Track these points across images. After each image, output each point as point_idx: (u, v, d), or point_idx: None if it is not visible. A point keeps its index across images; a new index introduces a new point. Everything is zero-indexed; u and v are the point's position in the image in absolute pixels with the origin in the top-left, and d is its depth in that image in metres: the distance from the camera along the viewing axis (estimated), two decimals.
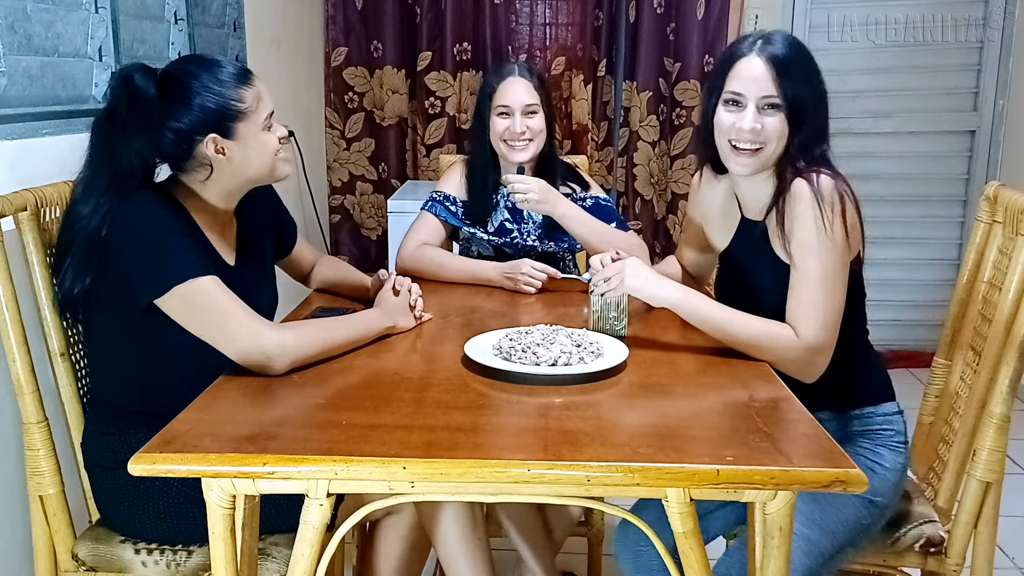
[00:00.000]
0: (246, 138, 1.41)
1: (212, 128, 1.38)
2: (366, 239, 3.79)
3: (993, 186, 1.60)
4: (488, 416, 1.19)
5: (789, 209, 1.38)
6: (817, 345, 1.35)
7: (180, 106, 1.37)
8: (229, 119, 1.39)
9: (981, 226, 1.62)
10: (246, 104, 1.40)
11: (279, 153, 1.47)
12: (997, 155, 3.63)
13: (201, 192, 1.45)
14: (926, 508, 1.55)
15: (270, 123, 1.45)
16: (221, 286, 1.32)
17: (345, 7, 3.55)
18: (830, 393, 1.42)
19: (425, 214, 2.07)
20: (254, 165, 1.44)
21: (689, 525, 1.05)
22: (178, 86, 1.37)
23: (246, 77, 1.43)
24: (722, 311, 1.41)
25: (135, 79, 1.35)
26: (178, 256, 1.31)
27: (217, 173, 1.43)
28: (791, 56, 1.39)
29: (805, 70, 1.39)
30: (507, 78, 2.00)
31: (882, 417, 1.48)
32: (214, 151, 1.39)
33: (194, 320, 1.31)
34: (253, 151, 1.43)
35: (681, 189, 3.61)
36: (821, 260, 1.34)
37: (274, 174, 1.49)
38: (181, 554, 1.40)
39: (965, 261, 1.66)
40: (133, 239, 1.32)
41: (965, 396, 1.56)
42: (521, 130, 1.97)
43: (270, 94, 1.47)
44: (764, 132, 1.40)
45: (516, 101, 1.97)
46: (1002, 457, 1.44)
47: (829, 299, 1.35)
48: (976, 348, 1.57)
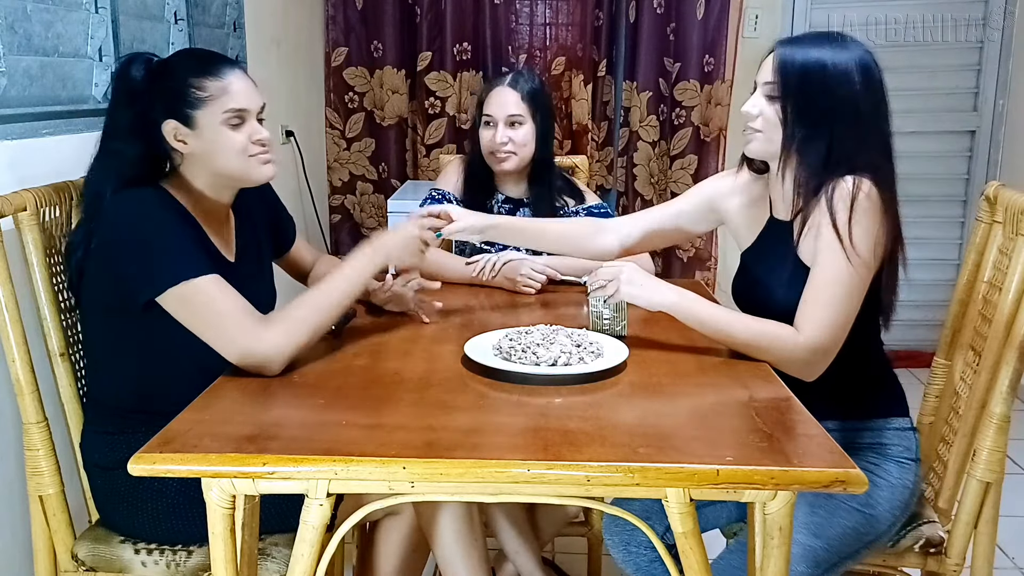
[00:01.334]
0: (203, 129, 1.37)
1: (169, 113, 1.37)
2: (366, 239, 3.78)
3: (993, 186, 1.60)
4: (488, 416, 1.19)
5: (824, 209, 1.36)
6: (819, 345, 1.33)
7: (156, 92, 1.39)
8: (186, 106, 1.37)
9: (981, 226, 1.62)
10: (206, 93, 1.36)
11: (254, 154, 1.41)
12: (997, 155, 3.63)
13: (191, 182, 1.43)
14: (926, 508, 1.55)
15: (239, 119, 1.39)
16: (221, 285, 1.31)
17: (345, 7, 3.55)
18: (840, 402, 1.42)
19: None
20: (218, 160, 1.40)
21: (689, 525, 1.05)
22: (160, 73, 1.40)
23: (215, 68, 1.39)
24: (720, 313, 1.40)
25: (131, 68, 1.40)
26: (177, 254, 1.31)
27: (187, 163, 1.42)
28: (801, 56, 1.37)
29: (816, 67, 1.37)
30: (495, 88, 2.01)
31: (892, 432, 1.47)
32: (173, 138, 1.39)
33: (192, 320, 1.31)
34: (210, 144, 1.38)
35: (681, 189, 3.61)
36: (836, 262, 1.33)
37: (248, 175, 1.43)
38: (181, 554, 1.40)
39: (965, 261, 1.66)
40: (130, 238, 1.32)
41: (965, 396, 1.56)
42: (503, 140, 1.97)
43: (251, 93, 1.42)
44: (761, 118, 1.41)
45: (500, 111, 1.97)
46: (1002, 457, 1.44)
47: (838, 301, 1.33)
48: (976, 348, 1.57)
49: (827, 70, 1.36)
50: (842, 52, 1.37)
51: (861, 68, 1.36)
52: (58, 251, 1.51)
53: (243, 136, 1.40)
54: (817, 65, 1.36)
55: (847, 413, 1.46)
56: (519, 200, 2.09)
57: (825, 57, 1.36)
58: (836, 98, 1.36)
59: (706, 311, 1.41)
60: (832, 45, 1.38)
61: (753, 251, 1.57)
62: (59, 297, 1.49)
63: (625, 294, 1.44)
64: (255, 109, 1.42)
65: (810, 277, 1.37)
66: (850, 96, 1.36)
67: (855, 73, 1.36)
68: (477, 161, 2.06)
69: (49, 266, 1.47)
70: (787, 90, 1.37)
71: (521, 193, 2.08)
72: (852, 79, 1.36)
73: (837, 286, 1.33)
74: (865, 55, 1.38)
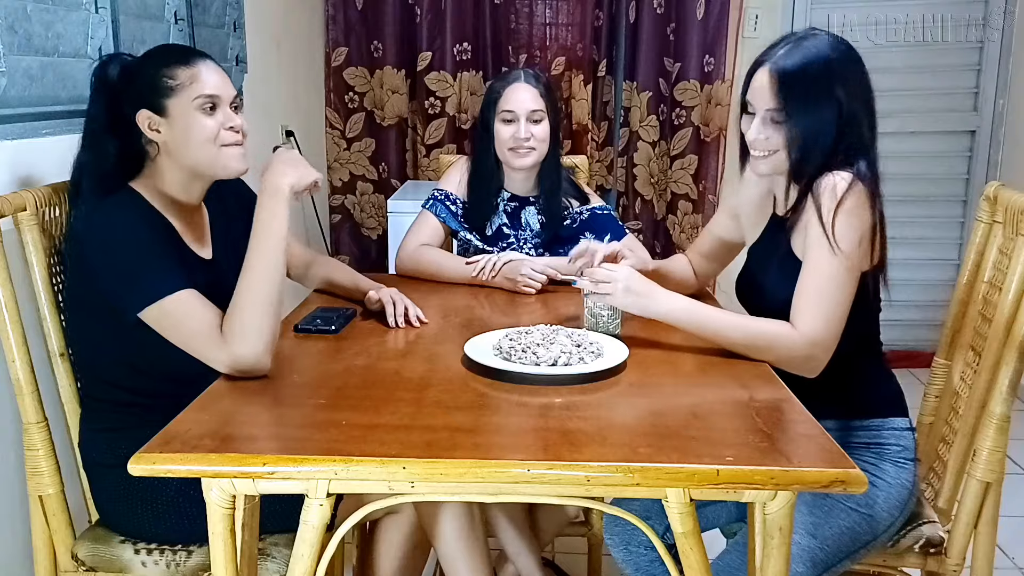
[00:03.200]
0: (175, 116, 1.39)
1: (143, 102, 1.39)
2: (366, 239, 3.79)
3: (993, 186, 1.60)
4: (488, 416, 1.19)
5: (813, 204, 1.38)
6: (816, 338, 1.34)
7: (127, 85, 1.41)
8: (158, 95, 1.39)
9: (981, 226, 1.62)
10: (176, 81, 1.38)
11: (227, 143, 1.41)
12: (997, 155, 3.63)
13: (162, 177, 1.43)
14: (926, 508, 1.55)
15: (211, 105, 1.39)
16: (197, 299, 1.31)
17: (345, 7, 3.55)
18: (837, 401, 1.42)
19: (426, 213, 2.07)
20: (190, 151, 1.40)
21: (689, 525, 1.05)
22: (130, 67, 1.43)
23: (185, 57, 1.41)
24: (715, 317, 1.40)
25: (107, 68, 1.42)
26: (153, 271, 1.31)
27: (161, 156, 1.42)
28: (794, 68, 1.37)
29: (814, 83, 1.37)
30: (512, 84, 1.99)
31: (890, 431, 1.47)
32: (147, 127, 1.40)
33: (174, 333, 1.31)
34: (182, 132, 1.39)
35: (681, 189, 3.61)
36: (827, 255, 1.33)
37: (218, 165, 1.42)
38: (181, 554, 1.40)
39: (965, 261, 1.66)
40: (110, 254, 1.33)
41: (965, 396, 1.56)
42: (526, 136, 1.96)
43: (222, 81, 1.42)
44: (771, 141, 1.41)
45: (521, 107, 1.96)
46: (1002, 457, 1.44)
47: (832, 294, 1.34)
48: (976, 348, 1.57)
49: (821, 73, 1.37)
50: (827, 50, 1.38)
51: (850, 60, 1.38)
52: (58, 251, 1.51)
53: (215, 122, 1.40)
54: (814, 74, 1.37)
55: (845, 413, 1.46)
56: (525, 198, 2.08)
57: (818, 61, 1.37)
58: (833, 97, 1.37)
59: (702, 318, 1.41)
60: (816, 46, 1.38)
61: (756, 246, 1.58)
62: (59, 297, 1.49)
63: (620, 304, 1.45)
64: (227, 98, 1.42)
65: (801, 272, 1.37)
66: (843, 92, 1.37)
67: (846, 68, 1.38)
68: (486, 159, 2.05)
69: (49, 266, 1.47)
70: (790, 109, 1.37)
71: (528, 190, 2.08)
72: (844, 75, 1.37)
73: (826, 279, 1.34)
74: (843, 46, 1.39)
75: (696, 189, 3.59)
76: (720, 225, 1.74)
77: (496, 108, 1.99)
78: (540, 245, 2.07)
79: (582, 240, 1.67)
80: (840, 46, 1.39)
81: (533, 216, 2.08)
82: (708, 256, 1.78)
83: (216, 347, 1.28)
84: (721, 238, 1.74)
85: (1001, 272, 1.53)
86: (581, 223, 2.07)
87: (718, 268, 1.81)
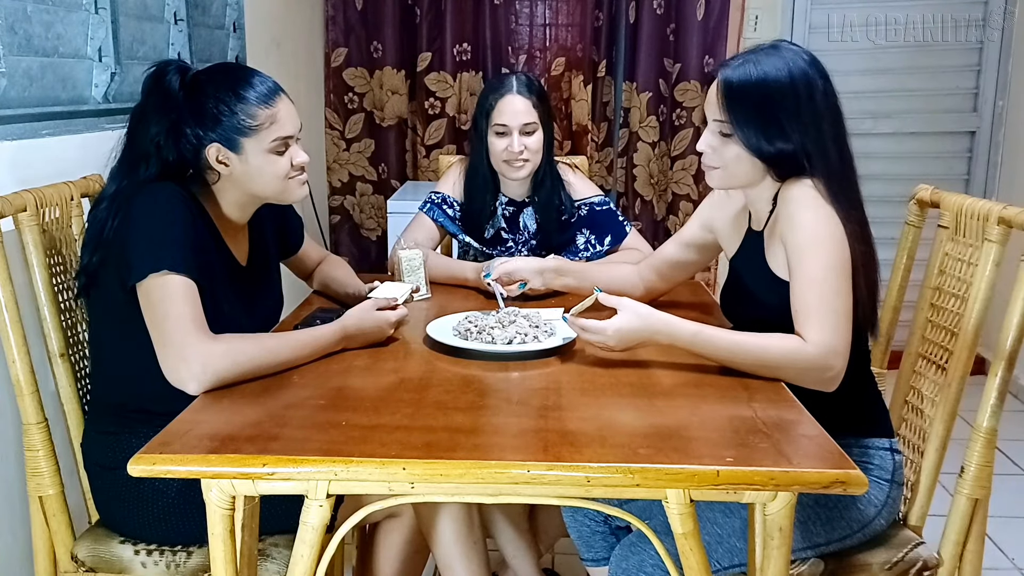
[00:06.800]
0: (249, 154, 1.40)
1: (217, 138, 1.39)
2: (366, 239, 3.79)
3: (928, 190, 1.62)
4: (488, 417, 1.19)
5: (783, 216, 1.37)
6: (828, 345, 1.29)
7: (196, 108, 1.39)
8: (236, 132, 1.39)
9: (912, 230, 1.64)
10: (256, 122, 1.39)
11: (292, 177, 1.45)
12: (997, 156, 3.63)
13: (219, 195, 1.46)
14: (902, 531, 1.49)
15: (284, 146, 1.43)
16: (188, 291, 1.28)
17: (345, 7, 3.55)
18: (820, 417, 1.40)
19: (422, 216, 2.07)
20: (257, 183, 1.43)
21: (689, 526, 1.05)
22: (200, 89, 1.40)
23: (268, 97, 1.41)
24: (723, 338, 1.34)
25: (166, 75, 1.40)
26: (172, 247, 1.30)
27: (223, 181, 1.43)
28: (744, 83, 1.36)
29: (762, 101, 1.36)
30: (505, 96, 1.97)
31: (870, 450, 1.44)
32: (216, 160, 1.40)
33: (158, 309, 1.28)
34: (255, 169, 1.41)
35: (681, 190, 3.61)
36: (818, 259, 1.31)
37: (283, 195, 1.47)
38: (181, 555, 1.40)
39: (897, 266, 1.67)
40: (135, 224, 1.32)
41: (928, 409, 1.51)
42: (519, 149, 1.96)
43: (295, 117, 1.45)
44: (716, 154, 1.41)
45: (514, 120, 1.95)
46: (991, 472, 1.41)
47: (833, 298, 1.30)
48: (930, 357, 1.54)
49: (773, 91, 1.35)
50: (781, 65, 1.36)
51: (800, 76, 1.36)
52: (58, 251, 1.51)
53: (287, 160, 1.43)
54: (764, 92, 1.35)
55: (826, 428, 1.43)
56: (521, 202, 2.09)
57: (769, 79, 1.35)
58: (784, 112, 1.35)
59: (709, 341, 1.34)
60: (773, 64, 1.36)
61: (736, 260, 1.58)
62: (59, 297, 1.49)
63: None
64: (297, 133, 1.46)
65: (793, 286, 1.34)
66: (795, 107, 1.35)
67: (797, 83, 1.35)
68: (481, 164, 2.05)
69: (49, 266, 1.47)
70: (737, 122, 1.37)
71: (523, 194, 2.08)
72: (796, 90, 1.35)
73: (825, 282, 1.31)
74: (800, 61, 1.37)
75: (697, 190, 3.58)
76: (690, 238, 1.72)
77: (489, 120, 1.98)
78: (538, 245, 2.08)
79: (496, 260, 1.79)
80: (799, 63, 1.36)
81: (530, 217, 2.08)
82: (671, 266, 1.76)
83: (184, 333, 1.25)
84: (689, 258, 1.73)
85: (956, 279, 1.50)
86: (580, 219, 2.07)
87: (670, 286, 1.80)
